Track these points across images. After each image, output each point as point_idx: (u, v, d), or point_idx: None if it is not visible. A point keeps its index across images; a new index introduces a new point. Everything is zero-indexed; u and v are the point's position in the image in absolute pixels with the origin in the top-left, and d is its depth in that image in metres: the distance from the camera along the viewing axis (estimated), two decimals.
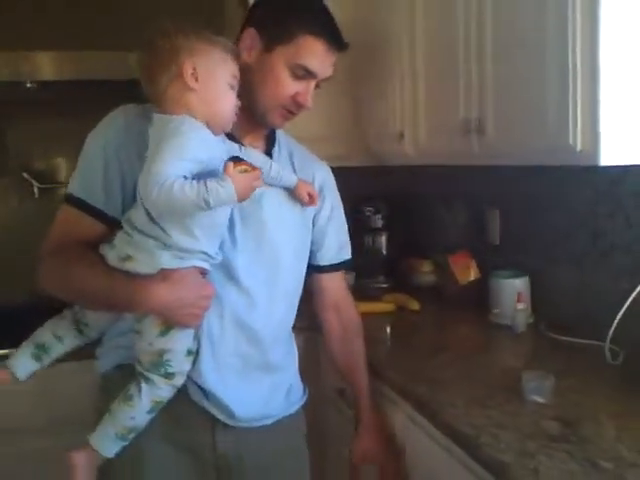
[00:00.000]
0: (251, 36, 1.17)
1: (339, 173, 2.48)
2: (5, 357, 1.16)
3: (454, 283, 1.95)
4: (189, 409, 1.15)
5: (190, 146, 1.00)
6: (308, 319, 1.96)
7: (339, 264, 1.39)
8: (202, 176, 1.00)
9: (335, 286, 1.41)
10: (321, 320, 1.41)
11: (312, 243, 1.33)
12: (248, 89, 1.13)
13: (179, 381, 1.10)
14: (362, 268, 2.37)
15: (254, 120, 1.20)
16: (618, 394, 1.27)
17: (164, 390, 1.09)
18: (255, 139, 1.25)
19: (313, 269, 1.36)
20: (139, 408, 1.08)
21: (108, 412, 1.10)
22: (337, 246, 1.38)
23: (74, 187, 1.14)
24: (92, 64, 1.69)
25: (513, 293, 1.69)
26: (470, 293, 1.93)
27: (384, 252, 2.35)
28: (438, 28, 1.70)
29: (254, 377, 1.21)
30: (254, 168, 1.05)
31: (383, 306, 1.98)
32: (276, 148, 1.26)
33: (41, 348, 1.13)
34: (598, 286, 1.58)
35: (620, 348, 1.41)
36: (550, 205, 1.74)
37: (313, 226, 1.32)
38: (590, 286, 1.61)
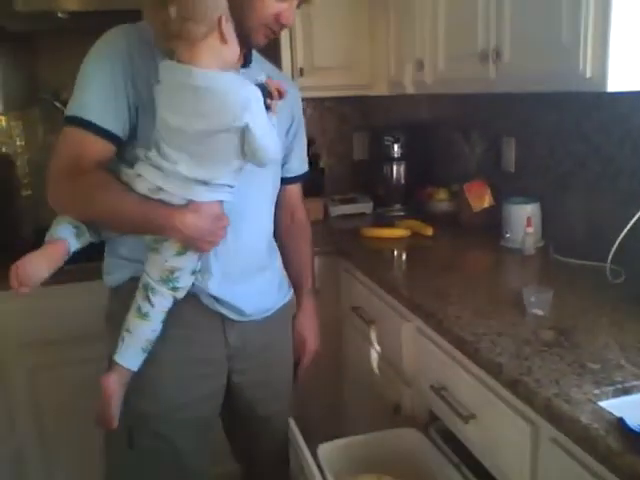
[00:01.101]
0: None
1: (359, 102, 2.55)
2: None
3: (468, 210, 2.03)
4: (203, 313, 1.29)
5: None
6: (329, 245, 2.08)
7: (300, 176, 1.53)
8: None
9: (294, 195, 1.54)
10: (276, 218, 1.46)
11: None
12: (233, 10, 1.14)
13: (181, 294, 1.22)
14: (380, 196, 2.46)
15: (238, 40, 1.19)
16: (614, 310, 1.35)
17: (169, 301, 1.21)
18: None
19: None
20: (155, 320, 1.20)
21: (127, 331, 1.20)
22: (300, 160, 1.51)
23: (81, 109, 1.15)
24: None
25: (523, 218, 1.76)
26: (483, 220, 2.01)
27: (402, 181, 2.42)
28: None
29: (252, 278, 1.35)
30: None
31: (398, 232, 2.07)
32: (252, 65, 1.32)
33: (76, 227, 1.18)
34: (605, 211, 1.65)
35: (622, 268, 1.49)
36: (564, 133, 1.79)
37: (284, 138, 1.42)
38: (598, 211, 1.68)
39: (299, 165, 1.51)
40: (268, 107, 1.14)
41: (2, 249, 1.96)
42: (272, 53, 2.20)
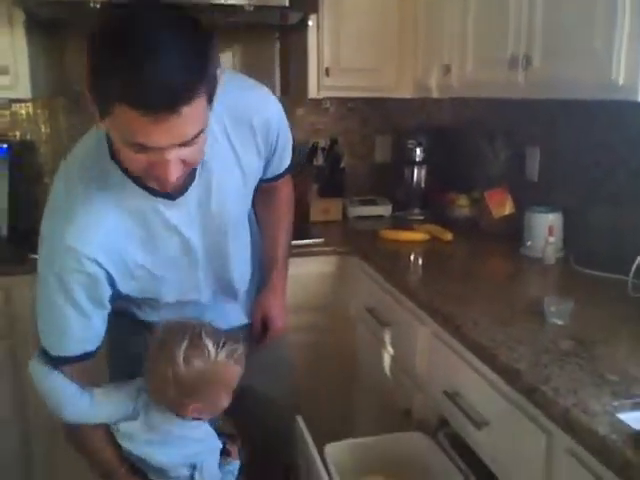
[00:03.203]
0: (89, 101, 0.93)
1: (383, 104, 2.54)
2: None
3: (489, 217, 2.01)
4: None
5: None
6: (346, 245, 2.07)
7: (280, 174, 1.37)
8: None
9: (276, 184, 1.40)
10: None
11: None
12: None
13: None
14: (399, 199, 2.44)
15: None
16: (635, 323, 1.33)
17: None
18: None
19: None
20: None
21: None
22: (278, 163, 1.33)
23: (69, 347, 1.12)
24: None
25: (545, 227, 1.74)
26: (504, 227, 1.98)
27: (422, 185, 2.40)
28: None
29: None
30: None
31: (417, 235, 2.05)
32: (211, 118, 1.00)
33: None
34: (629, 224, 1.62)
35: None
36: (591, 143, 1.76)
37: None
38: (621, 223, 1.65)
39: (276, 167, 1.33)
40: (228, 453, 1.25)
41: (24, 236, 2.00)
42: (300, 51, 2.21)
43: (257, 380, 1.41)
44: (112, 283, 1.11)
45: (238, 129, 1.16)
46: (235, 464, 1.26)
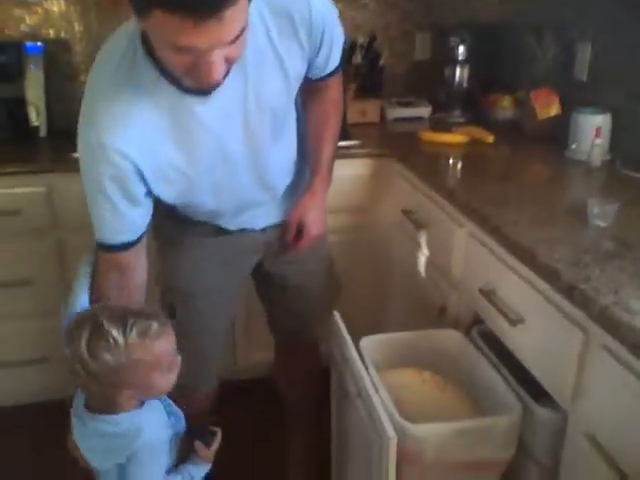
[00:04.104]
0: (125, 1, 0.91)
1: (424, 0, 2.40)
2: None
3: (533, 119, 1.93)
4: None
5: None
6: (384, 147, 2.03)
7: (327, 74, 1.31)
8: None
9: (325, 82, 1.34)
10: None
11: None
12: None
13: None
14: (439, 100, 2.36)
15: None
16: None
17: None
18: None
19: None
20: None
21: None
22: (324, 62, 1.26)
23: (107, 237, 1.16)
24: None
25: (592, 128, 1.67)
26: (548, 130, 1.91)
27: (464, 85, 2.31)
28: None
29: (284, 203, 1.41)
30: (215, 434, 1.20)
31: (457, 137, 1.99)
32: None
33: None
34: None
35: None
36: None
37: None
38: None
39: (323, 68, 1.28)
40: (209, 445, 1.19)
41: (63, 135, 2.00)
42: None
43: (294, 272, 1.50)
44: (144, 180, 1.11)
45: (278, 23, 1.11)
46: (200, 467, 1.18)
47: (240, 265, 1.48)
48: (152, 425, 1.09)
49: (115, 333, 1.00)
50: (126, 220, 1.15)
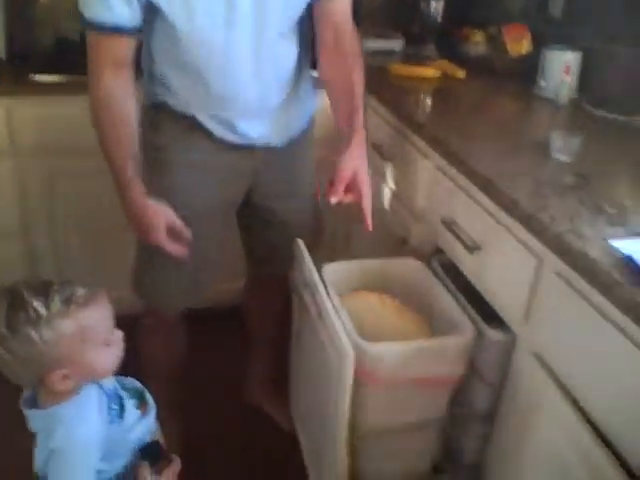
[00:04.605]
0: None
1: None
2: None
3: (504, 55, 1.93)
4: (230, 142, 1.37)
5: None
6: None
7: None
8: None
9: (336, 11, 1.33)
10: (316, 43, 1.37)
11: None
12: None
13: None
14: (413, 34, 2.33)
15: None
16: None
17: None
18: None
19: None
20: None
21: None
22: None
23: (94, 12, 1.17)
24: None
25: (562, 66, 1.68)
26: (519, 67, 1.91)
27: (439, 19, 2.27)
28: None
29: (277, 114, 1.38)
30: (169, 458, 1.03)
31: (428, 71, 1.98)
32: None
33: None
34: None
35: None
36: None
37: None
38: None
39: None
40: (159, 472, 1.01)
41: (23, 58, 1.93)
42: None
43: (282, 207, 1.52)
44: None
45: None
46: None
47: (227, 189, 1.45)
48: (75, 419, 0.94)
49: (36, 303, 0.88)
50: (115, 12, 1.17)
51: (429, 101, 1.85)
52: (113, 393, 1.02)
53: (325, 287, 1.34)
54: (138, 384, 1.10)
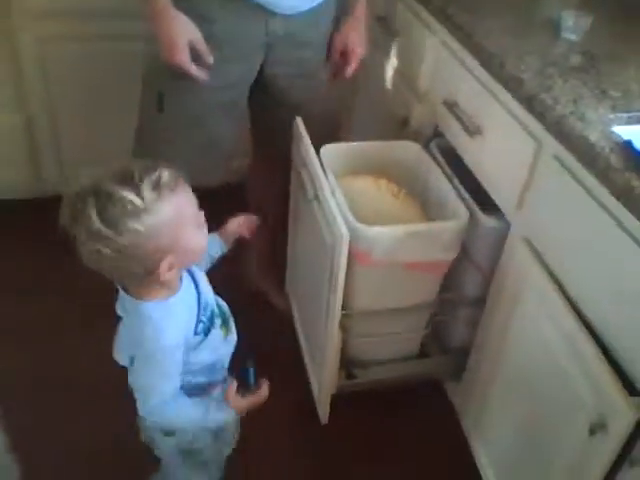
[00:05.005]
0: None
1: None
2: None
3: None
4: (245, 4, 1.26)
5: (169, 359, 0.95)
6: None
7: None
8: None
9: None
10: None
11: None
12: None
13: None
14: None
15: None
16: None
17: None
18: None
19: None
20: None
21: None
22: None
23: None
24: None
25: None
26: None
27: None
28: None
29: None
30: (259, 386, 1.06)
31: None
32: None
33: None
34: None
35: None
36: None
37: None
38: None
39: None
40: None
41: None
42: None
43: (290, 84, 1.45)
44: None
45: None
46: (222, 413, 1.04)
47: (241, 61, 1.37)
48: (164, 321, 0.92)
49: (127, 194, 0.82)
50: None
51: None
52: (207, 305, 1.02)
53: (323, 169, 1.34)
54: (227, 309, 1.09)
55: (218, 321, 1.04)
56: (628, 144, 0.92)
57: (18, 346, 1.64)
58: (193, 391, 1.03)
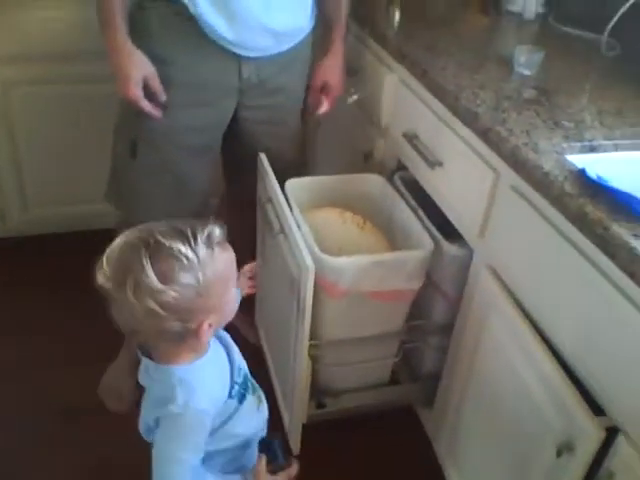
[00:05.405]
0: None
1: None
2: None
3: None
4: (217, 50, 1.30)
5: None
6: None
7: None
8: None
9: None
10: None
11: None
12: None
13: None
14: None
15: None
16: (601, 78, 1.35)
17: None
18: None
19: None
20: None
21: None
22: None
23: None
24: None
25: None
26: None
27: None
28: None
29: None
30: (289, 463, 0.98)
31: None
32: None
33: None
34: None
35: (618, 43, 1.44)
36: None
37: None
38: None
39: None
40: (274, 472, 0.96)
41: None
42: None
43: (263, 130, 1.48)
44: None
45: None
46: None
47: (216, 107, 1.40)
48: (196, 383, 0.87)
49: (182, 247, 0.78)
50: None
51: (396, 13, 1.80)
52: (241, 368, 0.98)
53: (288, 202, 1.35)
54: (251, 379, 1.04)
55: (250, 387, 1.00)
56: (582, 172, 0.96)
57: None
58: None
